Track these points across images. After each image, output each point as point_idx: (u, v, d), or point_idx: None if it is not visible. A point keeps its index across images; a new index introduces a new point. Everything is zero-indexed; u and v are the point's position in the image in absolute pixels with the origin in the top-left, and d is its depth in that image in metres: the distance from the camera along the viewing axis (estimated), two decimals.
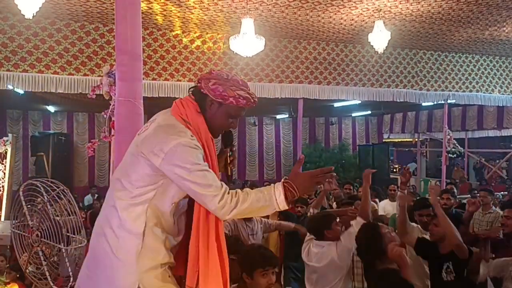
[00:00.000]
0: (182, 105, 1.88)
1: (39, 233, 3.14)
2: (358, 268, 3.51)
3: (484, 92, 8.52)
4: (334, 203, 5.80)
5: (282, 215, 5.45)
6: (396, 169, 16.88)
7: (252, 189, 1.87)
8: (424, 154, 16.67)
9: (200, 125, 1.85)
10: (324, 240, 3.29)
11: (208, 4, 5.54)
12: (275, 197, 1.75)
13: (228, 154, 2.08)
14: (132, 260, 1.78)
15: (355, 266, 3.50)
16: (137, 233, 1.79)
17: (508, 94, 8.70)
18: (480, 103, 8.96)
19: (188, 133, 1.80)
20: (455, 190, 6.26)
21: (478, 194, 6.11)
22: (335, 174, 6.66)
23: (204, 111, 1.88)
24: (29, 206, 3.33)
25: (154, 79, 6.49)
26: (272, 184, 1.82)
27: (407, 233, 3.45)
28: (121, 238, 1.80)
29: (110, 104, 3.42)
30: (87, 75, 6.19)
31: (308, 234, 3.52)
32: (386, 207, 6.12)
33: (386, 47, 6.02)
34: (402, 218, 3.48)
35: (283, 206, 1.77)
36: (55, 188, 3.14)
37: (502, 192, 9.00)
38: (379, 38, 5.83)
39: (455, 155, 8.51)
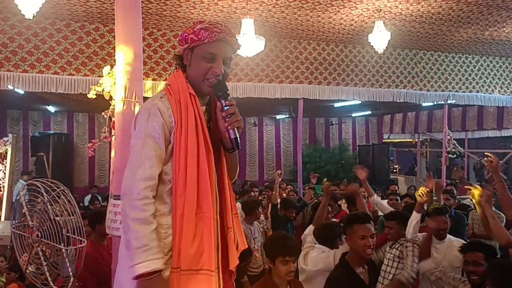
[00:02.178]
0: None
1: (39, 233, 3.14)
2: None
3: (484, 93, 8.52)
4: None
5: (273, 219, 5.44)
6: (396, 169, 16.89)
7: (251, 189, 1.83)
8: (424, 154, 16.67)
9: (178, 81, 1.76)
10: (333, 248, 3.29)
11: (208, 4, 5.55)
12: (138, 262, 1.54)
13: (222, 108, 1.70)
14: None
15: None
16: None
17: (508, 95, 8.71)
18: (480, 104, 8.96)
19: (159, 95, 1.75)
20: (455, 191, 6.24)
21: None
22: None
23: (185, 68, 1.79)
24: (29, 206, 3.32)
25: (154, 79, 6.49)
26: (163, 261, 1.60)
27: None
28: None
29: (110, 105, 3.43)
30: (87, 75, 6.19)
31: (308, 242, 3.52)
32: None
33: (386, 47, 6.02)
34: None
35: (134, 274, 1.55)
36: (55, 188, 3.14)
37: None
38: (379, 39, 5.84)
39: (455, 156, 8.50)
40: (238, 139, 1.70)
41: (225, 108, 1.68)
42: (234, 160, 1.89)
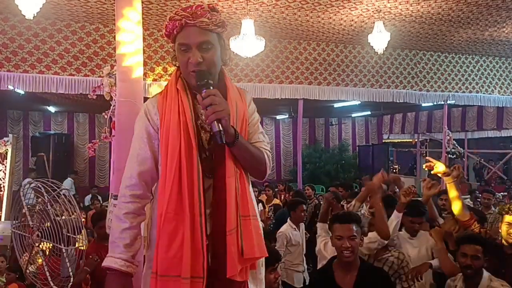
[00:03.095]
0: None
1: (39, 233, 3.15)
2: None
3: (483, 93, 8.53)
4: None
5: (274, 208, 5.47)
6: (395, 169, 16.89)
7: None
8: (424, 154, 16.66)
9: (171, 78, 1.74)
10: None
11: (208, 4, 5.55)
12: (112, 257, 1.60)
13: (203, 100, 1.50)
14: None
15: None
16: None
17: (508, 95, 8.71)
18: (479, 104, 8.96)
19: (154, 95, 1.77)
20: None
21: (481, 195, 6.12)
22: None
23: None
24: (29, 206, 3.34)
25: (154, 79, 6.50)
26: (123, 263, 1.58)
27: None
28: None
29: (111, 105, 3.44)
30: (88, 75, 6.20)
31: (322, 236, 3.57)
32: None
33: (386, 47, 6.03)
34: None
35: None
36: (56, 188, 3.15)
37: (502, 193, 9.01)
38: (379, 39, 5.84)
39: (454, 156, 8.51)
40: (222, 132, 1.47)
41: (203, 100, 1.50)
42: (244, 153, 1.64)
